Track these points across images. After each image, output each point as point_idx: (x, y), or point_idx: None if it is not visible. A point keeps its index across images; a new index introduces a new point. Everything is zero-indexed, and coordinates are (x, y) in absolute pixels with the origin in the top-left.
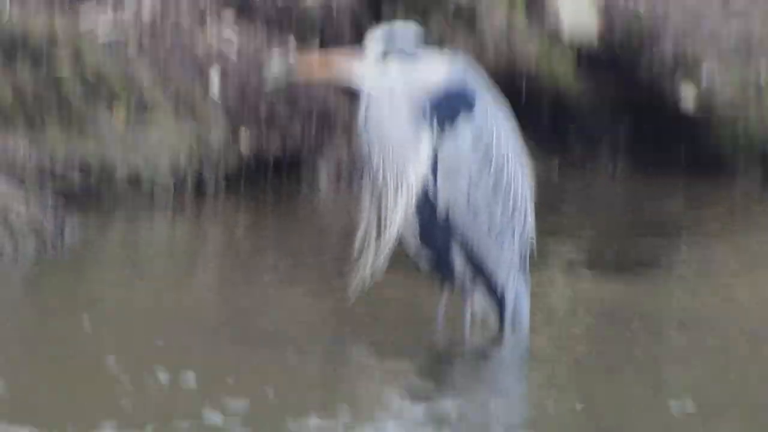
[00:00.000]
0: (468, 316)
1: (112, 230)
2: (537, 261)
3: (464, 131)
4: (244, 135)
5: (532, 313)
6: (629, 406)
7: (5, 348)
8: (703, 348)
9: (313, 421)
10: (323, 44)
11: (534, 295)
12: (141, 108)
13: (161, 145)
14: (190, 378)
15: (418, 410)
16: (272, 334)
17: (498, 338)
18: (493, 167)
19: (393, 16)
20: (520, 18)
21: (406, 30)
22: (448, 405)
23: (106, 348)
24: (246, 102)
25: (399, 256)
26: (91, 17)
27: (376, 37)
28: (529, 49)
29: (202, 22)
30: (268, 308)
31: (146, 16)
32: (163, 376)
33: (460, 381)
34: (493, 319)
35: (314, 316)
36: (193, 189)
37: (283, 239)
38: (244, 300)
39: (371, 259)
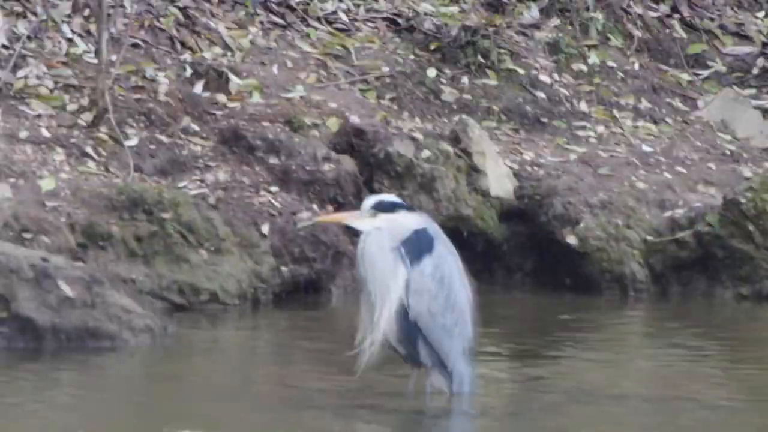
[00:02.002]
0: (429, 388)
1: (197, 332)
2: (475, 353)
3: (426, 264)
4: (284, 267)
5: (475, 385)
6: None
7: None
8: (591, 411)
9: None
10: (335, 204)
11: (476, 374)
12: (217, 248)
13: (230, 274)
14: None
15: None
16: (300, 396)
17: (449, 401)
18: (445, 288)
19: (381, 184)
20: (462, 184)
21: (389, 196)
22: None
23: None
24: (285, 244)
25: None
26: (185, 183)
27: (369, 199)
28: (469, 205)
29: (257, 189)
30: (298, 381)
31: (221, 184)
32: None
33: (425, 428)
34: (445, 389)
35: (330, 385)
36: (251, 304)
37: (311, 336)
38: (283, 375)
39: (368, 348)
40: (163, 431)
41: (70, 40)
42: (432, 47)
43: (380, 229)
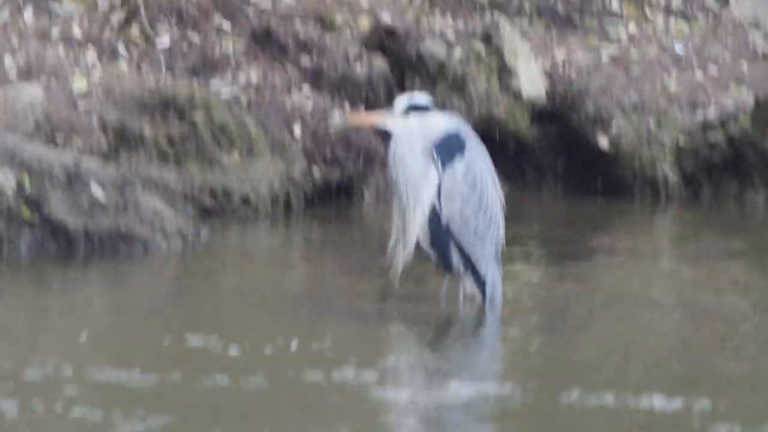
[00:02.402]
0: (462, 294)
1: (231, 234)
2: (506, 255)
3: (458, 167)
4: (316, 169)
5: (504, 291)
6: (570, 345)
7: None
8: (620, 314)
9: (351, 363)
10: (367, 104)
11: (505, 278)
12: (249, 150)
13: (262, 176)
14: (275, 328)
15: (431, 357)
16: (332, 301)
17: (481, 308)
18: (478, 191)
19: (412, 84)
20: (494, 84)
21: (420, 96)
22: (450, 353)
23: (224, 304)
24: (317, 145)
25: (417, 254)
26: (217, 84)
27: (400, 100)
28: (500, 106)
29: (289, 89)
30: (331, 285)
31: (253, 85)
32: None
33: (458, 336)
34: (478, 295)
35: (361, 290)
36: (283, 206)
37: (342, 240)
38: (316, 280)
39: (400, 254)
40: (185, 336)
41: None
42: None
43: (412, 130)
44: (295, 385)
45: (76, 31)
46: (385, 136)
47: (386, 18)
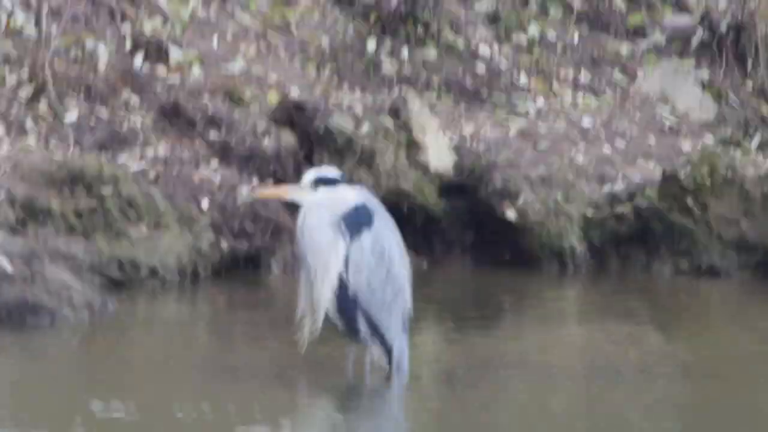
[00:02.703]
0: (369, 364)
1: (138, 305)
2: (413, 324)
3: (366, 238)
4: (224, 241)
5: (411, 358)
6: (476, 409)
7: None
8: (536, 381)
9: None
10: (275, 179)
11: (412, 347)
12: (157, 223)
13: (170, 248)
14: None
15: (336, 424)
16: (239, 369)
17: (388, 376)
18: (385, 263)
19: (321, 159)
20: (402, 158)
21: (328, 169)
22: (355, 421)
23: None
24: (225, 218)
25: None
26: (125, 158)
27: (309, 173)
28: (408, 180)
29: (197, 163)
30: (239, 353)
31: (161, 159)
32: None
33: (363, 402)
34: (385, 364)
35: (269, 359)
36: (191, 277)
37: (250, 309)
38: (222, 349)
39: (308, 324)
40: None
41: (9, 13)
42: (372, 18)
43: (320, 203)
44: None
45: None
46: (293, 209)
47: (294, 93)
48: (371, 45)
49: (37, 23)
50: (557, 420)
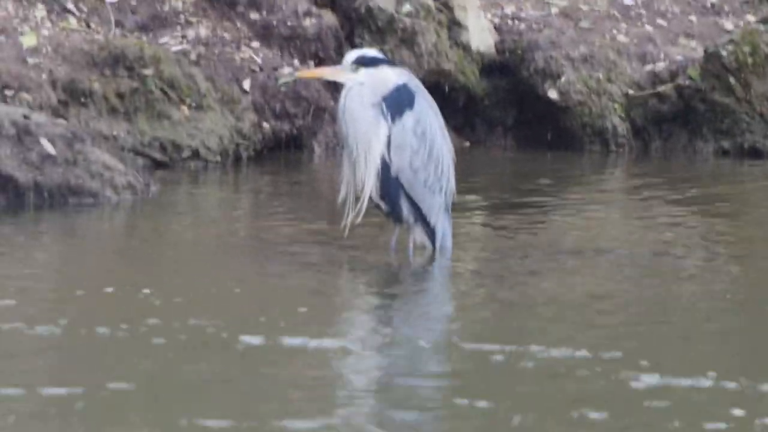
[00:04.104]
0: (411, 244)
1: (179, 188)
2: (457, 206)
3: (408, 119)
4: (266, 122)
5: (455, 239)
6: (520, 294)
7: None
8: (580, 264)
9: (302, 309)
10: (316, 60)
11: (455, 229)
12: (199, 104)
13: (212, 130)
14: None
15: (382, 300)
16: (281, 249)
17: (431, 258)
18: (427, 143)
19: (362, 39)
20: (444, 38)
21: (370, 50)
22: (400, 298)
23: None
24: (267, 100)
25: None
26: (166, 40)
27: (350, 54)
28: (449, 60)
29: (239, 45)
30: (280, 235)
31: (202, 40)
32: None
33: (407, 284)
34: (428, 245)
35: (311, 241)
36: (233, 159)
37: (291, 192)
38: (266, 230)
39: (351, 207)
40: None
41: None
42: None
43: (362, 83)
44: (240, 328)
45: None
46: (334, 90)
47: None
48: None
49: None
50: (595, 304)
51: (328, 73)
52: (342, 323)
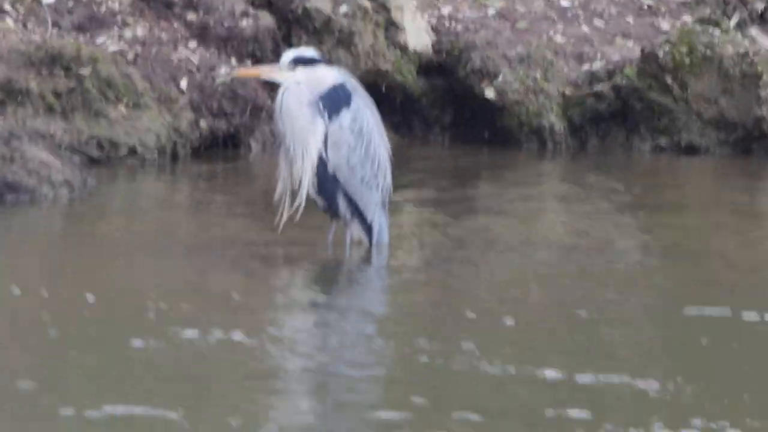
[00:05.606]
0: (348, 239)
1: (117, 185)
2: (393, 203)
3: (344, 117)
4: (203, 121)
5: (391, 235)
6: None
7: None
8: (516, 258)
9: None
10: (253, 60)
11: (392, 224)
12: (136, 103)
13: (149, 128)
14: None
15: (317, 295)
16: (217, 245)
17: (368, 254)
18: (364, 140)
19: (299, 40)
20: (381, 39)
21: (307, 49)
22: (334, 294)
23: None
24: (204, 98)
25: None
26: (103, 39)
27: (287, 53)
28: (387, 60)
29: (176, 44)
30: (217, 232)
31: (139, 40)
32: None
33: (343, 280)
34: (365, 240)
35: (247, 237)
36: (170, 157)
37: (228, 190)
38: (202, 226)
39: (287, 204)
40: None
41: None
42: None
43: (299, 82)
44: (174, 334)
45: None
46: (271, 88)
47: None
48: None
49: None
50: (533, 293)
51: (265, 72)
52: (275, 318)
